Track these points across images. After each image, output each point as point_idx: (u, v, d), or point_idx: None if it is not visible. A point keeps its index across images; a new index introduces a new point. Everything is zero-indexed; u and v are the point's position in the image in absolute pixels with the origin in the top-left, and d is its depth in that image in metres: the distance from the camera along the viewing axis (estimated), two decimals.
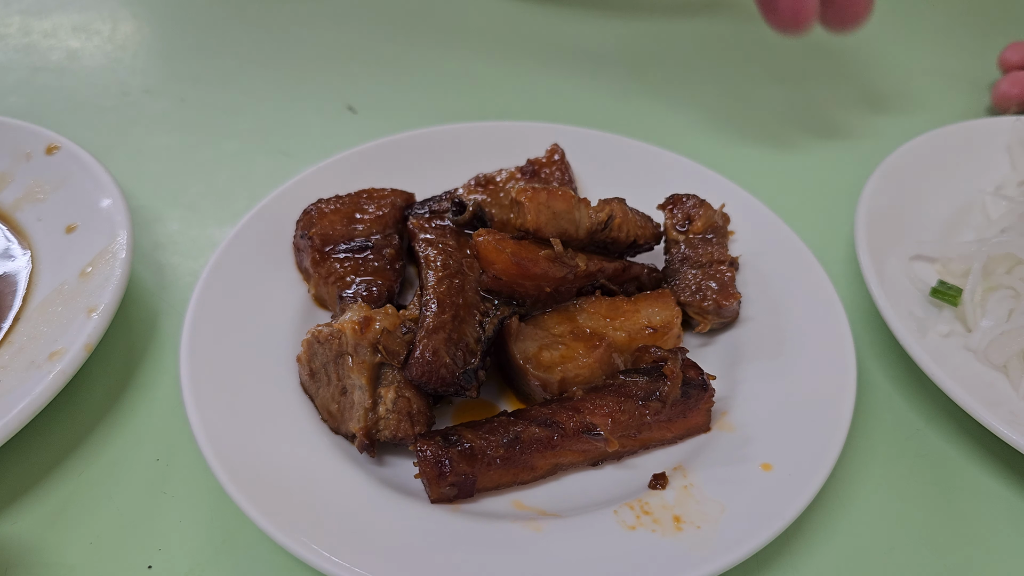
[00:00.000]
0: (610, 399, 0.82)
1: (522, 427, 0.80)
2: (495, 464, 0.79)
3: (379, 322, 0.82)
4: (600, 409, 0.82)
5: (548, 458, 0.81)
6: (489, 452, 0.79)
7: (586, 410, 0.82)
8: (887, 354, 1.01)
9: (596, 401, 0.82)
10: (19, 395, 0.85)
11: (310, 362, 0.87)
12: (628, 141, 1.16)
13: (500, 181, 1.06)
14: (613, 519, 0.77)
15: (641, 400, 0.82)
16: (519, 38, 1.60)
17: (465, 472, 0.78)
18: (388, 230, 1.01)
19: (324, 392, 0.86)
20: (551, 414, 0.82)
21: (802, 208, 1.19)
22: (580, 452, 0.82)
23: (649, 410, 0.82)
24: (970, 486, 0.88)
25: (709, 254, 0.96)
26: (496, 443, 0.79)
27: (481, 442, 0.79)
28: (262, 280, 0.98)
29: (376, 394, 0.82)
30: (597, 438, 0.81)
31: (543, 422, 0.81)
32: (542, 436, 0.80)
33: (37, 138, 1.16)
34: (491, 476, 0.80)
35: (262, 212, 1.04)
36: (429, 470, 0.78)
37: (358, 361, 0.82)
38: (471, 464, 0.78)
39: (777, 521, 0.74)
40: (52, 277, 1.02)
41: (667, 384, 0.82)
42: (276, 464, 0.80)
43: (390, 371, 0.83)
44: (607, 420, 0.81)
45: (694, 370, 0.84)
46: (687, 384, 0.83)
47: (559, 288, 0.90)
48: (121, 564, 0.81)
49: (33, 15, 1.64)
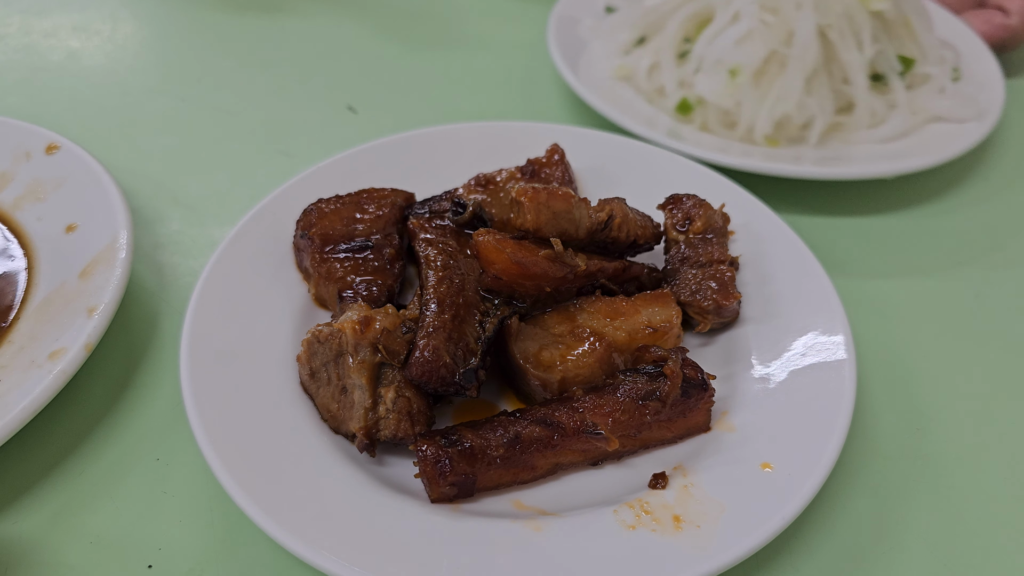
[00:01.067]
0: (610, 399, 0.82)
1: (522, 426, 0.80)
2: (495, 464, 0.79)
3: (379, 322, 0.82)
4: (600, 408, 0.82)
5: (548, 457, 0.81)
6: (489, 452, 0.79)
7: (586, 409, 0.82)
8: (887, 353, 1.01)
9: (596, 400, 0.82)
10: (19, 395, 0.85)
11: (310, 361, 0.87)
12: (628, 141, 1.16)
13: (500, 181, 1.06)
14: (613, 519, 0.77)
15: (641, 400, 0.82)
16: (520, 38, 1.60)
17: (465, 472, 0.78)
18: (388, 230, 1.01)
19: (324, 392, 0.86)
20: (551, 413, 0.81)
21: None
22: (580, 452, 0.82)
23: (649, 410, 0.82)
24: (970, 486, 0.88)
25: (709, 254, 0.96)
26: (496, 443, 0.79)
27: (481, 441, 0.79)
28: (262, 280, 0.98)
29: (376, 394, 0.82)
30: (597, 437, 0.81)
31: (543, 421, 0.81)
32: (542, 435, 0.80)
33: (37, 138, 1.17)
34: (491, 476, 0.80)
35: (262, 212, 1.04)
36: (429, 469, 0.78)
37: (358, 361, 0.82)
38: (471, 464, 0.78)
39: (777, 521, 0.74)
40: (52, 277, 1.02)
41: (667, 384, 0.82)
42: (276, 463, 0.80)
43: (390, 371, 0.83)
44: (607, 420, 0.81)
45: (694, 369, 0.84)
46: (687, 383, 0.83)
47: (559, 288, 0.90)
48: (121, 564, 0.81)
49: (33, 15, 1.64)
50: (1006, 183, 1.29)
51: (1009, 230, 1.21)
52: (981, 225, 1.21)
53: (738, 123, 1.25)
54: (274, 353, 0.91)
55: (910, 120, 1.27)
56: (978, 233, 1.20)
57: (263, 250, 1.01)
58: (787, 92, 1.22)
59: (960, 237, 1.19)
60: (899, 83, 1.28)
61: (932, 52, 1.33)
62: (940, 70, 1.32)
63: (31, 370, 0.89)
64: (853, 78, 1.25)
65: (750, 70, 1.23)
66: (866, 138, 1.26)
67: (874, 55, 1.27)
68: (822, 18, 1.22)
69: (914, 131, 1.28)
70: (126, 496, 0.86)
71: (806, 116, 1.24)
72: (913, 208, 1.23)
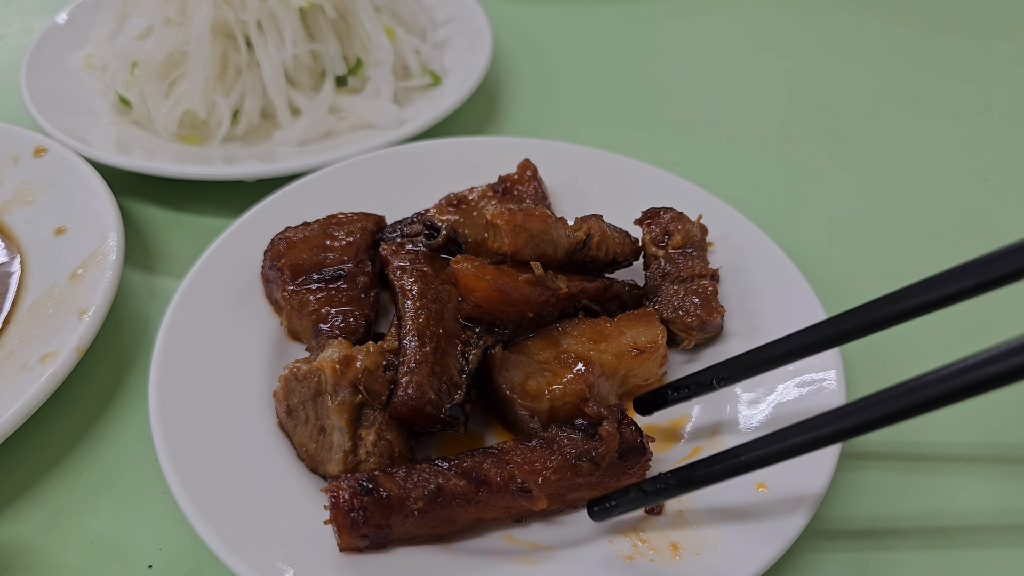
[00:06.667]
0: (542, 455, 0.77)
1: (446, 479, 0.75)
2: (413, 516, 0.73)
3: (360, 361, 0.79)
4: (531, 465, 0.76)
5: (471, 512, 0.76)
6: (408, 504, 0.73)
7: (516, 465, 0.76)
8: (875, 358, 1.00)
9: (527, 455, 0.77)
10: (11, 398, 0.85)
11: (287, 399, 0.83)
12: (599, 152, 1.14)
13: (472, 200, 1.04)
14: (609, 550, 0.75)
15: (575, 459, 0.77)
16: (519, 39, 1.60)
17: (380, 523, 0.72)
18: (360, 256, 0.98)
19: (302, 431, 0.83)
20: (479, 465, 0.76)
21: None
22: (505, 508, 0.77)
23: (582, 471, 0.77)
24: (970, 486, 0.88)
25: (690, 268, 0.94)
26: (417, 495, 0.73)
27: (400, 492, 0.73)
28: (231, 314, 0.95)
29: (356, 436, 0.79)
30: (525, 496, 0.76)
31: (469, 474, 0.75)
32: (466, 490, 0.74)
33: (25, 141, 1.18)
34: (407, 528, 0.74)
35: (226, 241, 1.01)
36: (341, 518, 0.72)
37: (338, 402, 0.78)
38: (387, 515, 0.72)
39: (776, 544, 0.73)
40: (42, 280, 1.02)
41: (603, 445, 0.77)
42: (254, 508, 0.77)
43: (371, 412, 0.80)
44: (537, 478, 0.76)
45: (633, 431, 0.79)
46: (625, 445, 0.78)
47: (541, 312, 0.88)
48: (121, 564, 0.81)
49: (33, 15, 1.67)
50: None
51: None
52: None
53: (153, 119, 1.26)
54: (248, 390, 0.88)
55: (327, 121, 1.26)
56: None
57: (230, 282, 0.98)
58: (190, 89, 1.23)
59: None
60: (330, 84, 1.28)
61: (376, 53, 1.32)
62: (378, 72, 1.31)
63: (22, 373, 0.89)
64: (267, 77, 1.24)
65: (151, 65, 1.23)
66: (280, 139, 1.25)
67: (306, 54, 1.27)
68: (234, 15, 1.22)
69: (345, 133, 1.27)
70: (125, 496, 0.87)
71: (218, 115, 1.24)
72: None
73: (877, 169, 1.30)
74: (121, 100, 1.30)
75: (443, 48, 1.45)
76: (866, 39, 1.61)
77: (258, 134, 1.28)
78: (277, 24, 1.25)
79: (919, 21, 1.65)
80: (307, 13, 1.28)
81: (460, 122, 1.39)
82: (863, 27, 1.65)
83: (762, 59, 1.57)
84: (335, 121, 1.28)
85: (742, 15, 1.69)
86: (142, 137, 1.27)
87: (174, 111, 1.24)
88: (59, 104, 1.30)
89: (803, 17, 1.68)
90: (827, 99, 1.46)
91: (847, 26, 1.65)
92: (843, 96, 1.47)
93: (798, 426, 0.65)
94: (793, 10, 1.70)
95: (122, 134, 1.27)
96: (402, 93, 1.35)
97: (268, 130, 1.28)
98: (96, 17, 1.46)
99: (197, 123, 1.28)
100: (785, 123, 1.40)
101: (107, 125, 1.29)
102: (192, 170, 1.16)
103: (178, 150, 1.24)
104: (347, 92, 1.31)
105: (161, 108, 1.24)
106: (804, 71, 1.53)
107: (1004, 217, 1.21)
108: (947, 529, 0.84)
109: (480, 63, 1.35)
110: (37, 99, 1.28)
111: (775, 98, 1.46)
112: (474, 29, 1.46)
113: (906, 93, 1.47)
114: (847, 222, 1.21)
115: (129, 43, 1.27)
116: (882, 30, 1.63)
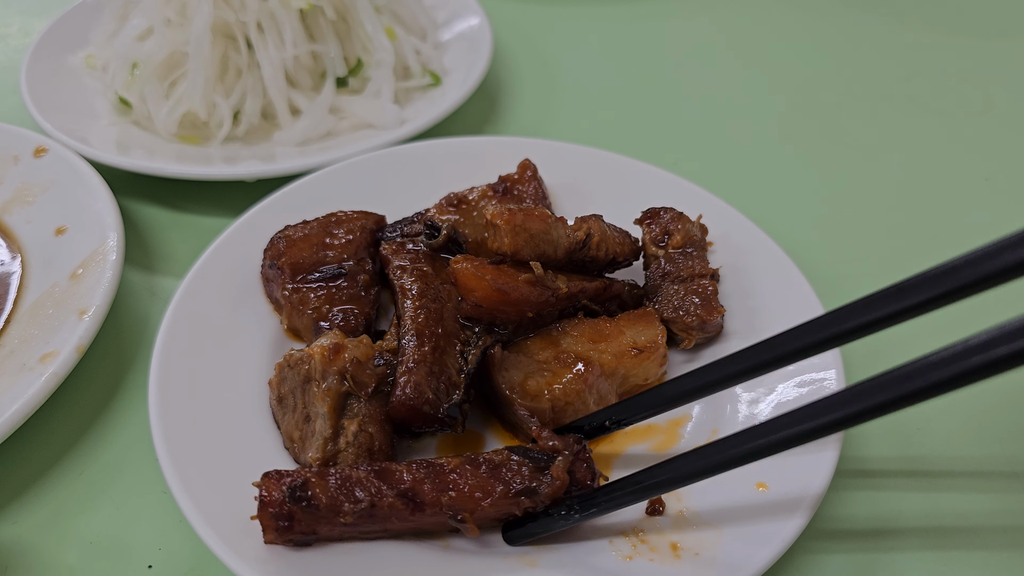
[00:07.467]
0: (485, 483, 0.73)
1: (380, 497, 0.72)
2: (339, 525, 0.72)
3: (350, 351, 0.78)
4: (472, 492, 0.73)
5: (403, 524, 0.74)
6: (338, 517, 0.71)
7: (457, 491, 0.73)
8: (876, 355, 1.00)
9: (470, 482, 0.73)
10: (11, 398, 0.85)
11: (279, 386, 0.84)
12: (599, 152, 1.14)
13: (472, 200, 1.04)
14: (609, 550, 0.75)
15: (515, 494, 0.73)
16: (519, 39, 1.60)
17: (305, 532, 0.72)
18: (360, 255, 0.98)
19: (289, 419, 0.83)
20: (418, 486, 0.73)
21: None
22: (439, 525, 0.75)
23: (521, 507, 0.74)
24: (970, 486, 0.88)
25: (690, 268, 0.94)
26: (348, 510, 0.71)
27: (331, 503, 0.71)
28: (232, 313, 0.95)
29: (338, 424, 0.78)
30: (459, 524, 0.73)
31: (405, 495, 0.72)
32: (400, 510, 0.72)
33: (25, 141, 1.18)
34: (334, 534, 0.73)
35: (226, 241, 1.01)
36: (268, 521, 0.71)
37: (323, 388, 0.78)
38: (314, 524, 0.71)
39: (776, 544, 0.73)
40: (42, 280, 1.03)
41: (548, 486, 0.73)
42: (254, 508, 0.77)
43: (356, 402, 0.79)
44: (475, 507, 0.73)
45: (585, 470, 0.75)
46: (574, 488, 0.75)
47: (541, 312, 0.88)
48: (121, 564, 0.81)
49: (33, 15, 1.68)
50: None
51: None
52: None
53: (153, 120, 1.26)
54: (247, 389, 0.89)
55: (327, 122, 1.26)
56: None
57: (231, 282, 0.98)
58: (191, 90, 1.23)
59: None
60: (331, 84, 1.28)
61: (377, 54, 1.32)
62: (379, 73, 1.32)
63: (22, 373, 0.89)
64: (267, 78, 1.25)
65: (151, 66, 1.23)
66: (280, 139, 1.26)
67: (306, 55, 1.27)
68: (234, 16, 1.22)
69: (345, 133, 1.27)
70: (125, 496, 0.87)
71: (219, 116, 1.24)
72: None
73: (877, 169, 1.30)
74: (121, 101, 1.30)
75: (443, 48, 1.46)
76: (866, 39, 1.61)
77: (258, 134, 1.28)
78: (277, 25, 1.25)
79: (919, 21, 1.66)
80: (307, 14, 1.28)
81: (460, 122, 1.39)
82: (863, 27, 1.65)
83: (762, 59, 1.57)
84: (335, 121, 1.28)
85: (742, 15, 1.70)
86: (142, 137, 1.27)
87: (174, 112, 1.24)
88: (59, 104, 1.30)
89: (803, 17, 1.68)
90: (827, 99, 1.46)
91: (847, 26, 1.65)
92: (843, 96, 1.47)
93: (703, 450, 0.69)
94: (793, 10, 1.70)
95: (122, 134, 1.28)
96: (402, 93, 1.35)
97: (268, 130, 1.29)
98: (96, 17, 1.46)
99: (197, 123, 1.28)
100: (785, 123, 1.40)
101: (107, 125, 1.29)
102: (192, 170, 1.17)
103: (178, 150, 1.24)
104: (347, 93, 1.32)
105: (161, 109, 1.24)
106: (804, 71, 1.53)
107: (1004, 217, 1.20)
108: (947, 529, 0.84)
109: (480, 63, 1.35)
110: (37, 99, 1.28)
111: (775, 98, 1.46)
112: (474, 29, 1.46)
113: (906, 93, 1.47)
114: (847, 222, 1.21)
115: (129, 44, 1.27)
116: (882, 30, 1.64)
